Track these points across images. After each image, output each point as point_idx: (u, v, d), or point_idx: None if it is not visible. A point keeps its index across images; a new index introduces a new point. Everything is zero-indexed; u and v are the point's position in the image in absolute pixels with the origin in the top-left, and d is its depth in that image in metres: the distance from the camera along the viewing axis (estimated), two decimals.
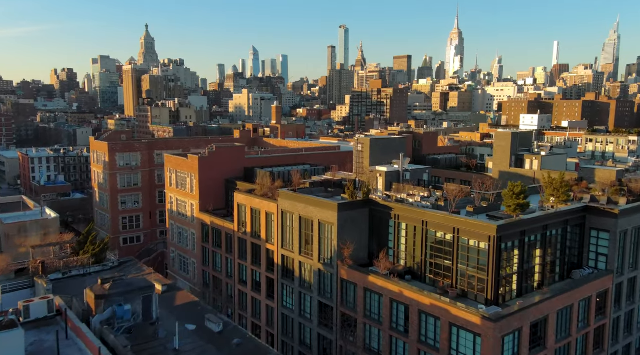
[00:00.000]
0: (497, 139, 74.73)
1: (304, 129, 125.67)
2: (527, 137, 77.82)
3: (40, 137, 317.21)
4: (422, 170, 57.49)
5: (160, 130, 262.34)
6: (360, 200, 48.17)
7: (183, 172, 71.22)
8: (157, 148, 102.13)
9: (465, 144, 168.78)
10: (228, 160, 70.29)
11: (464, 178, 79.79)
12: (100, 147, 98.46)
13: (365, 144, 57.93)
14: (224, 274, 64.61)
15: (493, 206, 47.36)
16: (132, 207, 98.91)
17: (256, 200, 57.16)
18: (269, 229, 56.14)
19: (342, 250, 46.46)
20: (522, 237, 40.48)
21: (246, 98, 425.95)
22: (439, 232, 42.45)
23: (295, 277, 52.36)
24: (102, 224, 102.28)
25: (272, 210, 54.75)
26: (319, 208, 48.31)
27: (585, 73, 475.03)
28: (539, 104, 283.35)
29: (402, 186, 52.87)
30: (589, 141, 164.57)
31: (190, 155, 69.68)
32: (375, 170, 55.30)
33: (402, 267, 45.25)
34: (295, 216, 51.36)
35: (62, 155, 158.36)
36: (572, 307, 40.31)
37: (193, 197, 69.52)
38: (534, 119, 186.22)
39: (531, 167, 72.37)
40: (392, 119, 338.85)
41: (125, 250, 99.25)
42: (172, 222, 75.83)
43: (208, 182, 68.76)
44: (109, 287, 31.15)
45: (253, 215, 58.30)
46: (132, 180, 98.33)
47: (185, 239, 72.90)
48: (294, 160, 76.71)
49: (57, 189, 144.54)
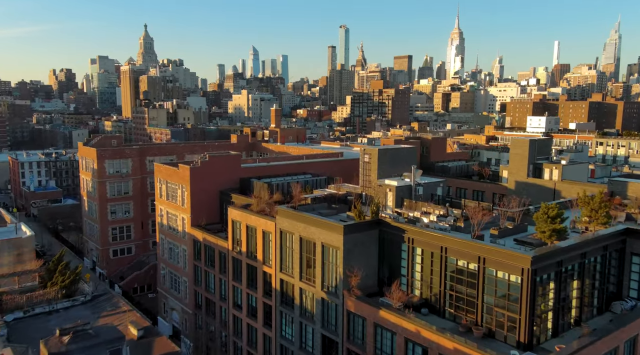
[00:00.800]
0: (513, 147, 69.01)
1: (304, 133, 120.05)
2: (546, 143, 72.17)
3: (36, 139, 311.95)
4: (436, 183, 51.88)
5: (158, 132, 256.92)
6: (369, 221, 42.58)
7: (173, 183, 65.61)
8: (150, 154, 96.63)
9: (471, 147, 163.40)
10: (222, 170, 64.69)
11: (477, 188, 74.23)
12: (89, 153, 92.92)
13: (373, 154, 52.34)
14: (218, 296, 58.99)
15: (519, 227, 41.83)
16: (123, 217, 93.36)
17: (252, 217, 51.56)
18: (266, 249, 50.57)
19: (348, 278, 40.89)
20: (558, 268, 34.87)
21: (245, 99, 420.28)
22: (461, 260, 36.86)
23: (295, 305, 46.75)
24: (90, 235, 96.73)
25: (270, 229, 49.17)
26: (322, 229, 42.70)
27: (589, 73, 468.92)
28: (544, 105, 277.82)
29: (415, 203, 47.31)
30: (599, 144, 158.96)
31: (181, 165, 64.07)
32: (384, 184, 49.71)
33: (418, 299, 39.63)
34: (295, 237, 45.77)
35: (53, 160, 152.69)
36: (618, 349, 34.71)
37: (184, 210, 63.91)
38: (542, 121, 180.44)
39: (551, 177, 66.71)
40: (394, 120, 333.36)
41: (116, 263, 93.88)
42: (163, 236, 70.23)
43: (200, 194, 63.18)
44: (68, 340, 25.59)
45: (249, 233, 52.71)
46: (122, 188, 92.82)
47: (176, 255, 67.30)
48: (294, 169, 71.10)
49: (48, 195, 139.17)
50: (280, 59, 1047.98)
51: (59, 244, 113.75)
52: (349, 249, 41.09)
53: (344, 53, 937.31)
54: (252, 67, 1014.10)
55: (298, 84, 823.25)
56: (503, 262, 33.93)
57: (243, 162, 74.00)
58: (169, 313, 70.22)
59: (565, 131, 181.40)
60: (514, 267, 33.33)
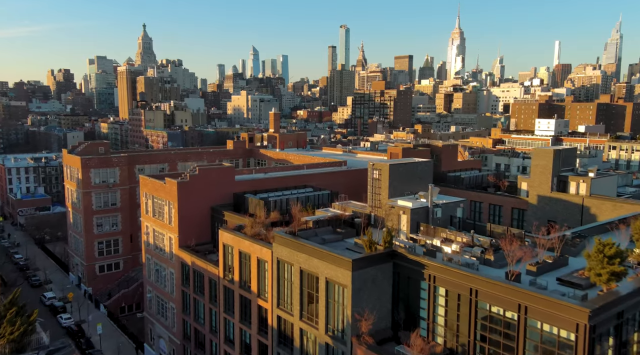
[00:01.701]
0: (535, 157, 62.39)
1: (305, 138, 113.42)
2: (570, 153, 65.64)
3: (31, 141, 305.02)
4: (456, 203, 45.38)
5: (154, 134, 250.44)
6: (382, 253, 36.10)
7: (160, 198, 59.10)
8: (139, 162, 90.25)
9: (478, 151, 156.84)
10: (214, 184, 58.18)
11: (494, 202, 67.64)
12: (73, 161, 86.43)
13: (383, 170, 45.83)
14: (208, 328, 52.49)
15: (559, 261, 35.39)
16: (110, 230, 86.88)
17: (246, 243, 45.07)
18: (261, 280, 44.11)
19: (357, 322, 34.46)
20: (619, 321, 28.44)
21: (245, 100, 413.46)
22: (496, 306, 30.41)
23: (295, 348, 40.28)
24: (76, 249, 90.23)
25: (266, 257, 42.71)
26: (326, 263, 36.24)
27: (594, 73, 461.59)
28: (550, 107, 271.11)
29: (433, 229, 40.84)
30: (612, 148, 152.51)
31: (168, 180, 57.53)
32: (397, 205, 43.19)
33: (441, 349, 33.18)
34: (295, 269, 39.31)
35: (43, 165, 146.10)
36: None
37: (171, 229, 57.40)
38: (551, 124, 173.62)
39: (577, 192, 60.19)
40: (396, 122, 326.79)
41: (102, 279, 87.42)
42: (149, 256, 63.73)
43: (189, 211, 56.68)
44: None
45: (242, 260, 46.25)
46: (109, 199, 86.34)
47: (163, 278, 60.80)
48: (294, 182, 64.57)
49: (36, 203, 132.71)
50: (280, 59, 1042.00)
51: (44, 257, 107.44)
52: (359, 287, 34.65)
53: (345, 53, 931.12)
54: (252, 67, 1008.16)
55: (298, 84, 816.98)
56: (551, 314, 27.47)
57: (238, 173, 67.59)
58: (156, 340, 63.73)
59: (575, 134, 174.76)
60: (567, 321, 26.87)
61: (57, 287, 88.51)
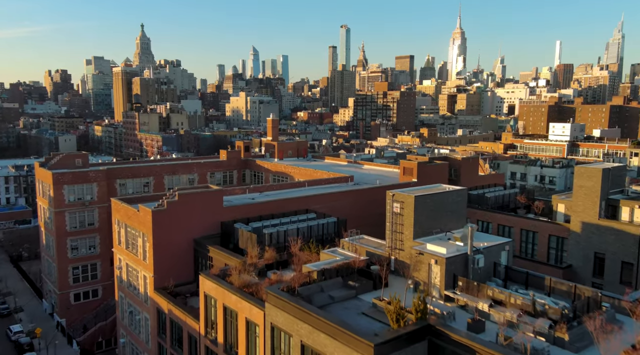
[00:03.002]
0: (579, 177, 52.38)
1: (306, 147, 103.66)
2: (619, 173, 55.81)
3: (22, 145, 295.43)
4: (499, 246, 35.52)
5: (149, 138, 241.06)
6: (414, 330, 26.34)
7: (133, 228, 49.41)
8: (120, 176, 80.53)
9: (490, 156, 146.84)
10: (198, 212, 48.47)
11: (527, 227, 57.65)
12: (45, 176, 76.68)
13: (407, 204, 36.06)
14: None
15: None
16: (87, 253, 77.06)
17: (232, 297, 35.30)
18: (251, 345, 34.35)
19: None
20: None
21: (244, 101, 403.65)
22: None
23: None
24: (49, 274, 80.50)
25: (257, 319, 32.96)
26: (337, 342, 26.49)
27: (601, 74, 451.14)
28: (559, 109, 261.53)
29: (477, 285, 31.07)
30: (633, 155, 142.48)
31: (141, 207, 47.76)
32: (427, 251, 33.37)
33: None
34: (295, 342, 29.57)
35: (24, 174, 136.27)
36: None
37: (146, 266, 47.67)
38: (566, 129, 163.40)
39: (631, 219, 50.45)
40: (399, 124, 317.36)
41: (78, 309, 77.55)
42: (122, 295, 54.05)
43: (167, 245, 46.96)
44: None
45: (227, 317, 36.49)
46: (85, 219, 76.54)
47: (137, 323, 51.05)
48: (294, 205, 54.84)
49: (15, 215, 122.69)
50: (280, 59, 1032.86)
51: (18, 278, 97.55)
52: None
53: (345, 53, 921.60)
54: (252, 67, 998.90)
55: (298, 84, 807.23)
56: None
57: (229, 193, 58.03)
58: None
59: (590, 139, 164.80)
60: None
61: (28, 317, 78.74)
